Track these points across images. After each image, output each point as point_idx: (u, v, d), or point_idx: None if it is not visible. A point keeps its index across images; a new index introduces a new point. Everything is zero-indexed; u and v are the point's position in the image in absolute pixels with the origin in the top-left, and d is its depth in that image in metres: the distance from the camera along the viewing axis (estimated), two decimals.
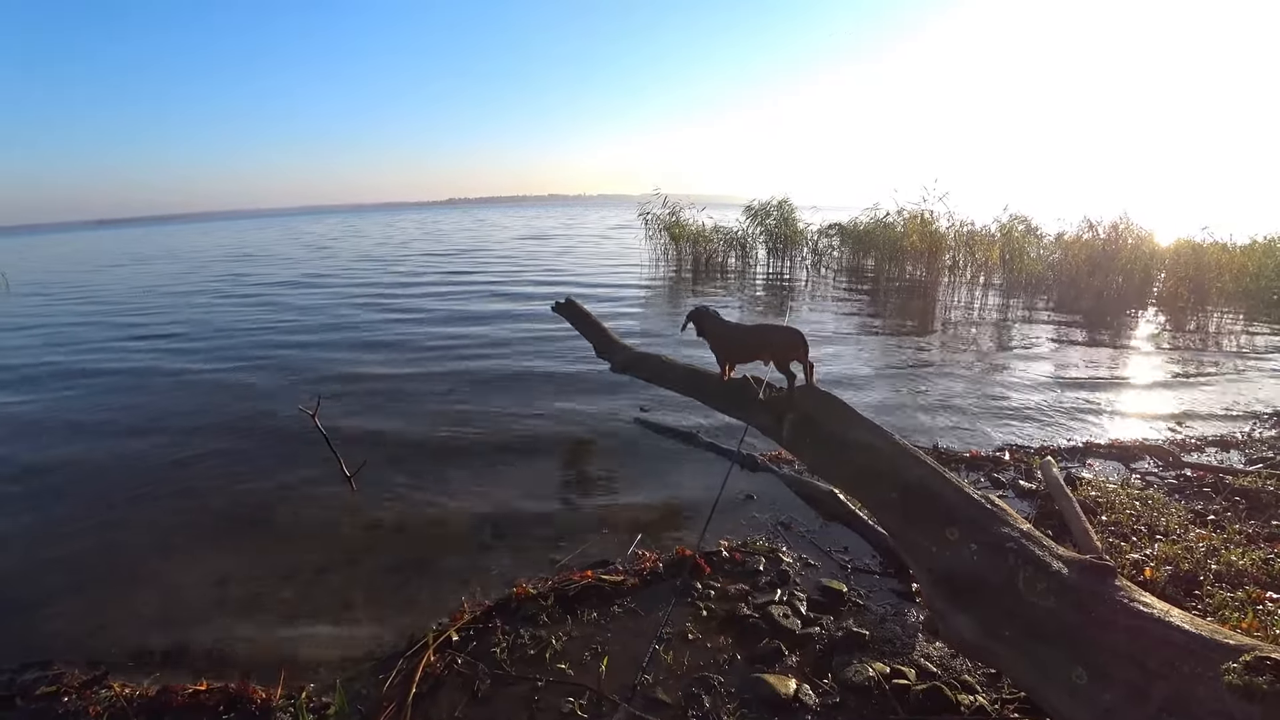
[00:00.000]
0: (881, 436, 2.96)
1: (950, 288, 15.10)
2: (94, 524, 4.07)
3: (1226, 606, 2.85)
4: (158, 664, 2.81)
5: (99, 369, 8.13)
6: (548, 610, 2.99)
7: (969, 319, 11.28)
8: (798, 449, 3.40)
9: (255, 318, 11.51)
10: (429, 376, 7.24)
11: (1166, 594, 2.94)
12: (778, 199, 18.27)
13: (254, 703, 2.47)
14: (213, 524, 4.04)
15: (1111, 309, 12.11)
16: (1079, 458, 4.96)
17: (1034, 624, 2.06)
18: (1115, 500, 3.98)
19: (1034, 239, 15.59)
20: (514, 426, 5.61)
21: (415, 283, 15.46)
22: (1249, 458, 4.97)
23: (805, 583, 3.26)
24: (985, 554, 2.28)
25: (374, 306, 12.23)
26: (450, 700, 2.49)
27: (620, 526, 3.88)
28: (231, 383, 7.25)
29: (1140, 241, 13.96)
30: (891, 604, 3.10)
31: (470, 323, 10.39)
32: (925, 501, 2.57)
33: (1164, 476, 4.58)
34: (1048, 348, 9.01)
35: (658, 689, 2.50)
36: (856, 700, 2.44)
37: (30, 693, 2.60)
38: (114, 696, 2.52)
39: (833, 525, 3.87)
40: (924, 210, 16.13)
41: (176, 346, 9.32)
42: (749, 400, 3.56)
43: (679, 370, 4.30)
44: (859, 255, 18.57)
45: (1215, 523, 3.75)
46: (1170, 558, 3.27)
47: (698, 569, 3.29)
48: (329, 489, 4.40)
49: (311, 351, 8.71)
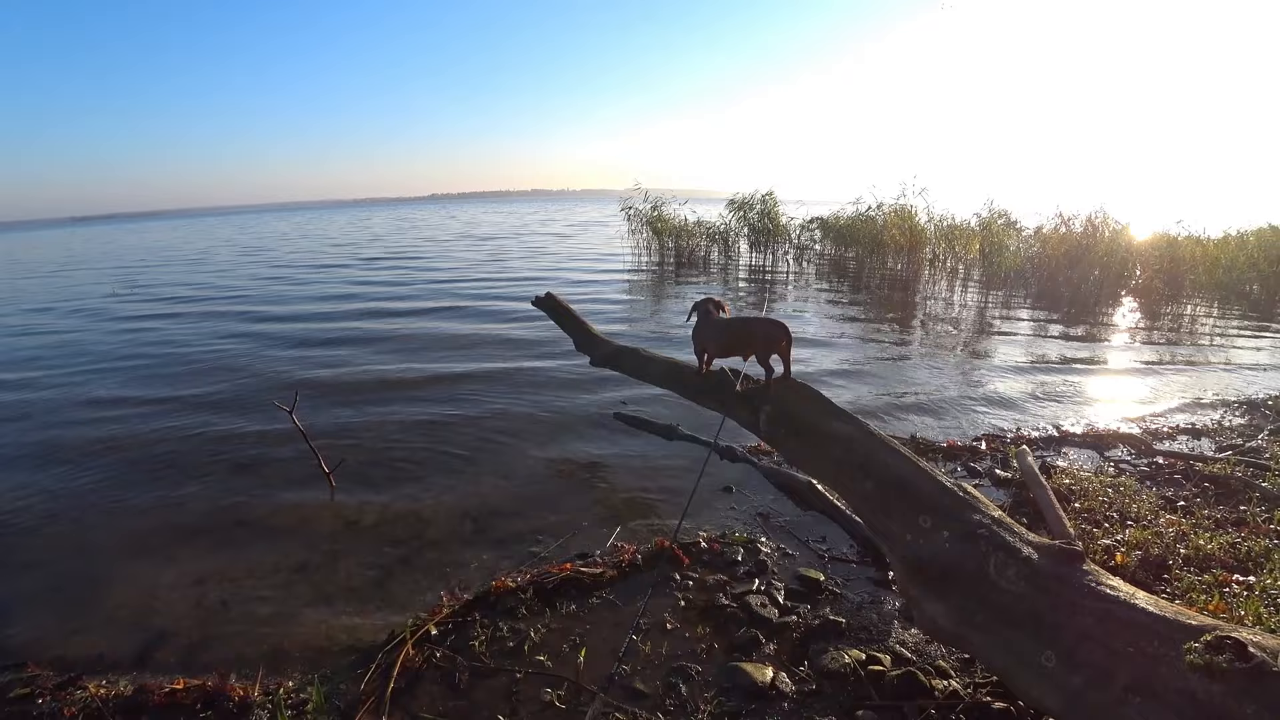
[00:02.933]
0: (858, 427, 2.97)
1: (930, 281, 15.24)
2: (68, 524, 4.00)
3: (1194, 589, 2.90)
4: (134, 664, 2.76)
5: (63, 363, 8.00)
6: (527, 603, 2.98)
7: (949, 311, 11.40)
8: (775, 440, 3.41)
9: (214, 317, 11.36)
10: (406, 372, 7.19)
11: (1137, 578, 3.00)
12: (762, 193, 18.31)
13: (232, 700, 2.44)
14: (189, 523, 3.98)
15: (1089, 301, 12.30)
16: (1054, 447, 5.04)
17: (1005, 609, 2.08)
18: (1088, 488, 4.04)
19: (1013, 233, 15.78)
20: (494, 422, 5.58)
21: (389, 277, 15.33)
22: (1219, 445, 5.08)
23: (783, 572, 3.29)
24: (958, 541, 2.30)
25: (347, 299, 12.12)
26: (429, 693, 2.48)
27: (600, 519, 3.89)
28: (203, 380, 7.15)
29: (1116, 235, 14.18)
30: (868, 592, 3.13)
31: (449, 318, 10.32)
32: (900, 491, 2.60)
33: (1136, 464, 4.67)
34: (1026, 339, 9.14)
35: (636, 679, 2.51)
36: (832, 687, 2.47)
37: (4, 695, 2.55)
38: (89, 697, 2.48)
39: (810, 515, 3.90)
40: (904, 204, 16.26)
41: (142, 340, 9.19)
42: (727, 393, 3.57)
43: (659, 364, 4.30)
44: (840, 249, 18.68)
45: (1185, 509, 3.82)
46: (1141, 543, 3.33)
47: (676, 560, 3.30)
48: (307, 486, 4.36)
49: (281, 348, 8.62)
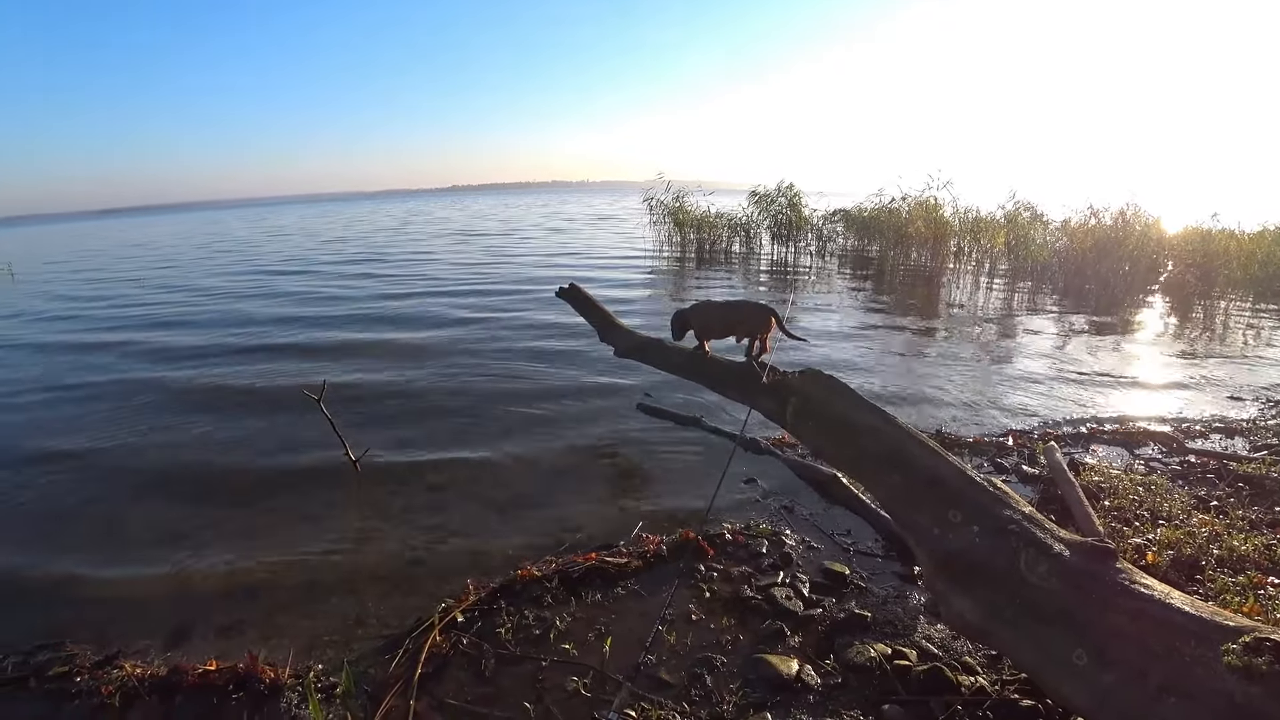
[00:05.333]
0: (885, 420, 2.95)
1: (955, 274, 15.03)
2: (103, 508, 4.11)
3: (1228, 591, 2.85)
4: (168, 644, 2.83)
5: (94, 355, 8.17)
6: (552, 591, 3.01)
7: (974, 305, 11.25)
8: (801, 432, 3.40)
9: (248, 300, 11.53)
10: (434, 359, 7.26)
11: (1168, 578, 2.95)
12: (784, 185, 18.14)
13: (263, 682, 2.49)
14: (219, 508, 4.07)
15: (1117, 295, 12.05)
16: (1083, 443, 4.96)
17: (1035, 606, 2.06)
18: (1118, 485, 3.98)
19: (1040, 225, 15.51)
20: (518, 410, 5.63)
21: (416, 269, 15.45)
22: (1253, 444, 4.96)
23: (808, 565, 3.28)
24: (988, 537, 2.28)
25: (370, 281, 12.25)
26: (456, 679, 2.52)
27: (624, 509, 3.91)
28: (232, 365, 7.28)
29: (1147, 228, 13.88)
30: (893, 586, 3.11)
31: (476, 306, 10.39)
32: (928, 485, 2.57)
33: (1168, 462, 4.58)
34: (1052, 333, 8.99)
35: (661, 669, 2.53)
36: (858, 680, 2.46)
37: (43, 673, 2.63)
38: (125, 676, 2.55)
39: (835, 508, 3.89)
40: (929, 197, 16.04)
41: (174, 328, 9.36)
42: (752, 383, 3.56)
43: (682, 355, 4.29)
44: (864, 241, 18.48)
45: (1218, 508, 3.75)
46: (1172, 543, 3.28)
47: (701, 551, 3.31)
48: (334, 472, 4.43)
49: (309, 332, 8.75)
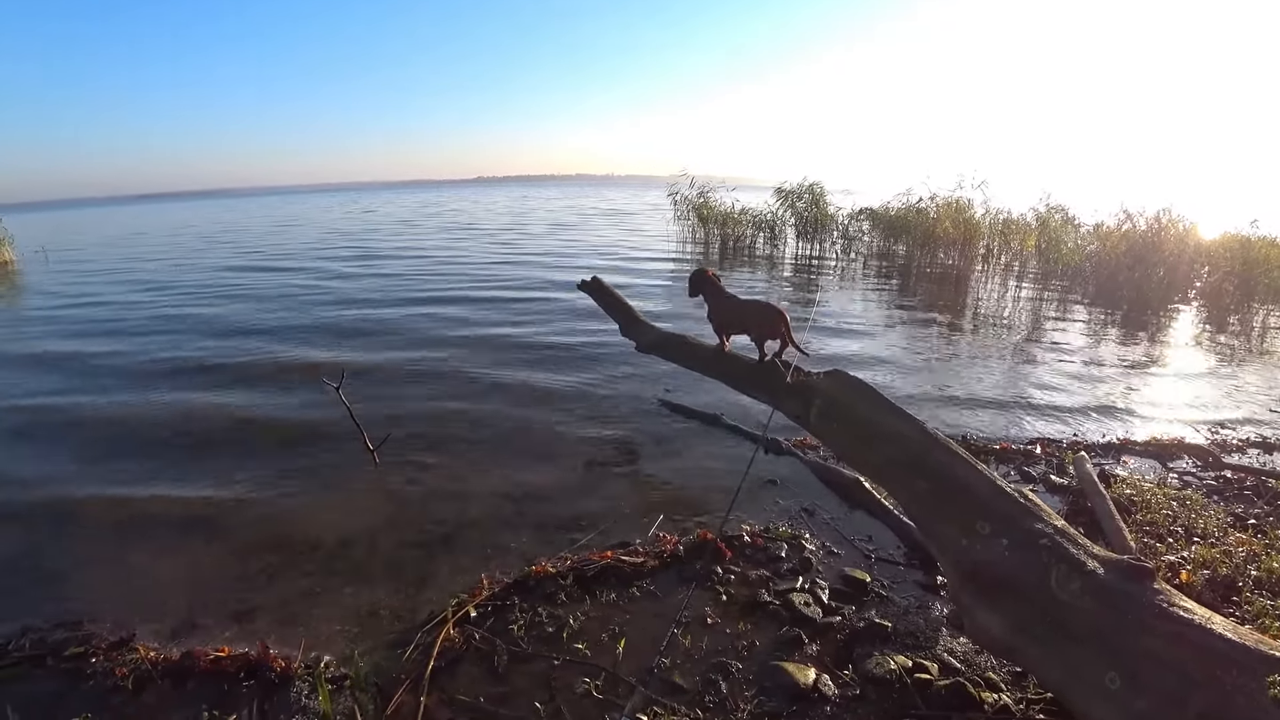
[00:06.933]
0: (911, 424, 2.88)
1: (984, 276, 14.76)
2: (118, 494, 4.14)
3: (1266, 615, 2.74)
4: (182, 629, 2.85)
5: (117, 335, 8.30)
6: (566, 589, 2.98)
7: (1002, 308, 11.02)
8: (825, 434, 3.34)
9: (273, 291, 11.66)
10: (452, 352, 7.27)
11: (1203, 599, 2.84)
12: (809, 182, 17.96)
13: (274, 671, 2.50)
14: (234, 495, 4.09)
15: (1151, 302, 11.74)
16: (1114, 454, 4.82)
17: (1066, 624, 1.99)
18: (1151, 500, 3.85)
19: (1071, 229, 15.18)
20: (537, 404, 5.61)
21: (419, 257, 15.54)
22: None
23: (828, 571, 3.22)
24: (1017, 550, 2.21)
25: (399, 262, 12.31)
26: (468, 675, 2.50)
27: (641, 508, 3.86)
28: (250, 352, 7.36)
29: (1184, 234, 13.52)
30: (915, 596, 3.04)
31: (497, 300, 10.40)
32: (955, 493, 2.51)
33: (1203, 477, 4.43)
34: (1083, 340, 8.77)
35: (675, 673, 2.49)
36: (877, 693, 2.40)
37: (60, 652, 2.66)
38: (139, 659, 2.57)
39: (857, 513, 3.81)
40: (959, 197, 15.78)
41: (199, 314, 9.49)
42: (776, 384, 3.50)
43: (705, 352, 4.24)
44: (890, 241, 18.23)
45: (1256, 527, 3.61)
46: (1208, 561, 3.16)
47: (719, 553, 3.25)
48: (352, 462, 4.44)
49: (329, 318, 8.82)
